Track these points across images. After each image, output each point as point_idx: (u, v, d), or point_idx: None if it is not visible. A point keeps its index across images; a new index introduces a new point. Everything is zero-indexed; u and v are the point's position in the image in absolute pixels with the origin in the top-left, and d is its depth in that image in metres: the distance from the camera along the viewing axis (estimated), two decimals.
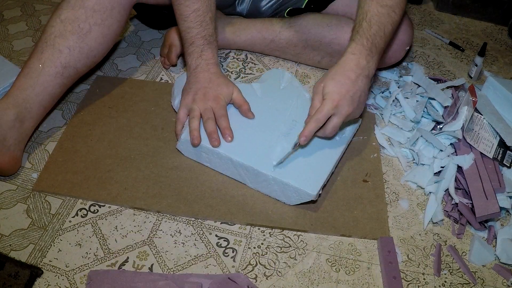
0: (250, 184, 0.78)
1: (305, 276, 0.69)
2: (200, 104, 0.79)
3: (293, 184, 0.72)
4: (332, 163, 0.77)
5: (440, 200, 0.77)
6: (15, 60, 1.06)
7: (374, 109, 0.95)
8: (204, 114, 0.78)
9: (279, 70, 0.94)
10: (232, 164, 0.76)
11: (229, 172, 0.79)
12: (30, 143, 0.86)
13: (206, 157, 0.79)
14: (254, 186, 0.77)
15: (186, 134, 0.79)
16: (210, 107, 0.79)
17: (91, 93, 0.96)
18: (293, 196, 0.74)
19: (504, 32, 1.24)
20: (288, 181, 0.72)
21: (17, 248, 0.71)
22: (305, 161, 0.76)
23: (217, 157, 0.77)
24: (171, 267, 0.69)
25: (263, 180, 0.75)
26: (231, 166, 0.77)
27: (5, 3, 1.28)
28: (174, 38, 1.01)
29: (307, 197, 0.72)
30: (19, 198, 0.77)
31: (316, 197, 0.73)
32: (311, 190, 0.72)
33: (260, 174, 0.74)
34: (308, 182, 0.73)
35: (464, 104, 0.88)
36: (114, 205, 0.77)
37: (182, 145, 0.80)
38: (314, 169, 0.75)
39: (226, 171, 0.79)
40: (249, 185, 0.78)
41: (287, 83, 0.91)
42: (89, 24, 0.80)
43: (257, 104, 0.84)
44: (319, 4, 0.99)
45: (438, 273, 0.69)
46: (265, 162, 0.75)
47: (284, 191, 0.74)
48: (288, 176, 0.73)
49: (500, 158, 0.81)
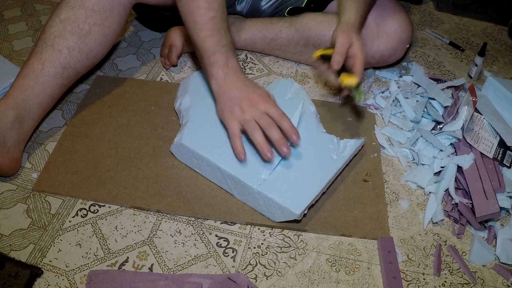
0: (237, 195, 0.76)
1: (305, 276, 0.69)
2: (252, 112, 0.71)
3: (277, 200, 0.70)
4: (324, 182, 0.73)
5: (440, 200, 0.77)
6: (15, 60, 1.06)
7: (374, 109, 0.95)
8: (260, 120, 0.71)
9: (288, 80, 0.90)
10: (220, 172, 0.75)
11: (217, 180, 0.77)
12: (30, 143, 0.86)
13: (197, 162, 0.78)
14: (240, 198, 0.75)
15: (179, 137, 0.78)
16: (263, 111, 0.71)
17: (91, 93, 0.96)
18: (277, 213, 0.71)
19: (504, 32, 1.24)
20: (273, 197, 0.70)
21: (17, 248, 0.71)
22: (295, 178, 0.73)
23: (206, 164, 0.76)
24: (171, 267, 0.69)
25: (249, 193, 0.73)
26: (219, 174, 0.75)
27: (5, 3, 1.28)
28: (174, 38, 1.01)
29: (291, 216, 0.70)
30: (19, 198, 0.77)
31: (300, 216, 0.70)
32: (295, 209, 0.69)
33: (246, 187, 0.72)
34: (293, 200, 0.70)
35: (464, 104, 0.88)
36: (114, 204, 0.77)
37: (175, 148, 0.80)
38: (303, 187, 0.72)
39: (215, 179, 0.77)
40: (236, 196, 0.76)
41: (293, 95, 0.87)
42: (89, 24, 0.80)
43: None
44: (319, 4, 0.99)
45: (438, 273, 0.69)
46: (254, 175, 0.73)
47: (269, 207, 0.72)
48: (273, 192, 0.71)
49: (500, 158, 0.81)
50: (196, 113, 0.82)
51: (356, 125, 0.91)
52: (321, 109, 0.92)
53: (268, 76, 1.04)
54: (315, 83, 1.02)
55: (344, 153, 0.78)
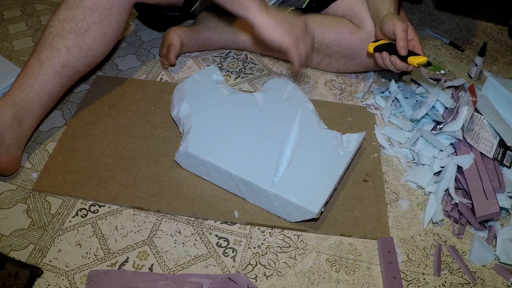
0: (250, 199, 0.75)
1: (305, 276, 0.69)
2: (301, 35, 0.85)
3: (294, 201, 0.70)
4: (336, 178, 0.74)
5: (440, 200, 0.77)
6: (15, 60, 1.06)
7: (374, 109, 0.95)
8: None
9: (283, 79, 0.90)
10: (231, 178, 0.74)
11: (228, 186, 0.77)
12: (30, 143, 0.86)
13: (205, 170, 0.77)
14: (254, 202, 0.75)
15: (184, 146, 0.77)
16: None
17: (91, 93, 0.96)
18: (294, 213, 0.72)
19: (504, 32, 1.24)
20: (289, 198, 0.70)
21: (17, 248, 0.71)
22: (307, 177, 0.73)
23: (216, 170, 0.75)
24: (171, 267, 0.69)
25: (263, 196, 0.73)
26: (230, 180, 0.75)
27: (5, 3, 1.28)
28: (173, 38, 1.01)
29: (309, 215, 0.70)
30: (19, 198, 0.77)
31: (318, 214, 0.71)
32: (313, 207, 0.69)
33: (260, 190, 0.72)
34: (310, 199, 0.70)
35: (464, 104, 0.88)
36: (114, 204, 0.77)
37: (181, 157, 0.78)
38: (316, 186, 0.72)
39: (225, 185, 0.77)
40: (249, 200, 0.76)
41: (290, 93, 0.87)
42: (87, 23, 0.80)
43: (259, 116, 0.82)
44: (321, 3, 0.99)
45: (438, 273, 0.69)
46: (266, 177, 0.73)
47: (285, 208, 0.72)
48: (289, 193, 0.71)
49: (500, 158, 0.81)
50: (198, 120, 0.81)
51: (356, 125, 0.91)
52: (321, 109, 0.92)
53: (268, 76, 1.04)
54: (315, 83, 1.02)
55: (349, 148, 0.79)
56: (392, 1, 0.88)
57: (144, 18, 1.18)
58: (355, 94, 0.99)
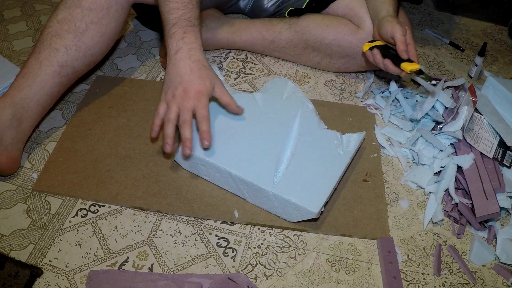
0: (250, 199, 0.76)
1: (305, 276, 0.68)
2: (179, 102, 0.71)
3: (294, 201, 0.70)
4: (336, 178, 0.74)
5: (440, 200, 0.77)
6: (15, 60, 1.06)
7: (374, 109, 0.95)
8: (182, 115, 0.71)
9: (282, 79, 0.90)
10: (231, 178, 0.75)
11: (228, 186, 0.77)
12: (30, 143, 0.86)
13: (205, 170, 0.77)
14: (254, 202, 0.75)
15: None
16: (191, 106, 0.71)
17: (91, 93, 0.96)
18: (294, 213, 0.72)
19: (504, 32, 1.24)
20: (289, 198, 0.70)
21: (17, 248, 0.71)
22: (307, 177, 0.73)
23: (216, 171, 0.75)
24: (171, 267, 0.69)
25: (263, 196, 0.73)
26: (230, 180, 0.75)
27: (5, 3, 1.28)
28: None
29: (309, 215, 0.70)
30: (19, 198, 0.77)
31: (318, 214, 0.71)
32: (313, 207, 0.69)
33: (260, 190, 0.72)
34: (309, 199, 0.70)
35: (464, 104, 0.88)
36: (114, 204, 0.76)
37: (181, 157, 0.79)
38: (316, 186, 0.72)
39: (225, 185, 0.77)
40: (249, 200, 0.76)
41: (290, 93, 0.87)
42: (85, 23, 0.80)
43: (259, 116, 0.82)
44: (320, 3, 0.99)
45: (438, 273, 0.69)
46: (266, 177, 0.73)
47: (285, 208, 0.72)
48: (289, 193, 0.71)
49: (500, 158, 0.81)
50: None
51: (356, 125, 0.91)
52: (321, 109, 0.92)
53: (268, 76, 1.04)
54: (315, 83, 1.02)
55: (349, 147, 0.79)
56: (392, 1, 0.88)
57: (143, 19, 1.18)
58: (355, 94, 0.99)
